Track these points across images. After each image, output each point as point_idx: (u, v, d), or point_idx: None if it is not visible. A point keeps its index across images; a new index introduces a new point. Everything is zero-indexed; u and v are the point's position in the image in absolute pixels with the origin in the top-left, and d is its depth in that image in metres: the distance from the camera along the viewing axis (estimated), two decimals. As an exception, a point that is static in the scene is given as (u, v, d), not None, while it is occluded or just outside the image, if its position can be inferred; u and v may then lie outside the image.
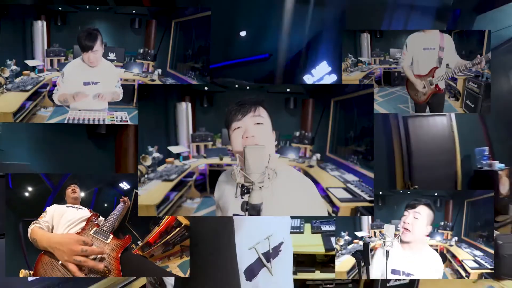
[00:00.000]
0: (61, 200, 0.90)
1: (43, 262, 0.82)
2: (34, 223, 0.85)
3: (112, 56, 1.29)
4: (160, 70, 1.28)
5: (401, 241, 1.09)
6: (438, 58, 1.23)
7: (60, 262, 0.81)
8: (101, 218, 0.90)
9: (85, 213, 0.89)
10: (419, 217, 1.07)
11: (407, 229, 1.07)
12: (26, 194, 0.89)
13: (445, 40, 1.22)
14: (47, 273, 0.81)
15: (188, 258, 0.84)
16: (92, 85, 1.14)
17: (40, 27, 1.28)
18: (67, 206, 0.89)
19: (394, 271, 1.06)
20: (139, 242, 0.90)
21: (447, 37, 1.23)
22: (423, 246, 1.09)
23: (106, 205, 0.91)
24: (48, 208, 0.88)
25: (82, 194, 0.92)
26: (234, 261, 0.77)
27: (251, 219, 0.84)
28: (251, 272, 0.85)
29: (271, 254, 0.90)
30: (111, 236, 0.87)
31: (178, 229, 0.91)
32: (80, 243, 0.81)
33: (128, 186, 0.93)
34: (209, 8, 1.10)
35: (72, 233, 0.84)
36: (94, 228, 0.87)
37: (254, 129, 0.79)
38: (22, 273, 0.86)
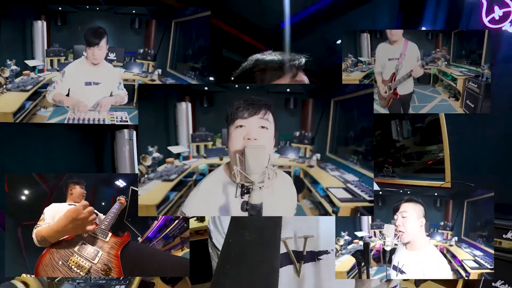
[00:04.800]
0: (60, 200, 0.90)
1: (44, 264, 0.82)
2: (35, 228, 0.86)
3: (112, 56, 1.29)
4: (160, 70, 1.28)
5: (403, 243, 1.10)
6: (396, 65, 1.31)
7: (61, 263, 0.81)
8: (100, 215, 0.90)
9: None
10: (407, 215, 1.08)
11: (401, 231, 1.08)
12: (23, 197, 0.89)
13: (408, 47, 1.29)
14: (48, 274, 0.82)
15: (188, 249, 0.85)
16: (93, 85, 1.14)
17: (40, 27, 1.28)
18: (69, 204, 0.90)
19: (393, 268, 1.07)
20: (139, 238, 0.91)
21: (411, 45, 1.29)
22: (426, 244, 1.09)
23: (103, 204, 0.91)
24: (46, 209, 0.88)
25: (80, 195, 0.92)
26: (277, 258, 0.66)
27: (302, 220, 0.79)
28: None
29: (304, 257, 0.80)
30: (110, 234, 0.87)
31: (176, 221, 0.92)
32: (82, 209, 0.84)
33: (125, 184, 0.93)
34: (209, 8, 1.10)
35: (69, 210, 0.86)
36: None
37: (258, 133, 0.76)
38: (24, 277, 0.86)
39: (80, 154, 3.43)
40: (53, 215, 0.86)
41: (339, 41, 4.01)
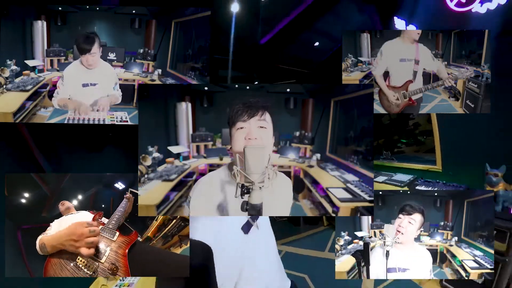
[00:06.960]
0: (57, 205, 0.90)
1: (52, 264, 0.82)
2: (42, 234, 0.86)
3: (112, 56, 1.29)
4: (160, 70, 1.28)
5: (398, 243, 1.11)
6: (413, 72, 1.22)
7: (72, 264, 0.81)
8: (104, 218, 0.90)
9: (85, 213, 0.89)
10: (414, 223, 1.10)
11: (400, 232, 1.10)
12: (23, 200, 0.89)
13: (420, 51, 1.22)
14: (56, 273, 0.81)
15: (187, 246, 0.85)
16: (90, 86, 1.15)
17: (40, 27, 1.28)
18: (65, 215, 0.89)
19: (389, 270, 1.07)
20: (139, 238, 0.90)
21: (422, 48, 1.22)
22: (413, 244, 1.12)
23: (104, 205, 0.91)
24: (52, 224, 0.88)
25: (80, 197, 0.92)
26: None
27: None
28: None
29: None
30: (117, 233, 0.86)
31: (174, 221, 0.92)
32: (85, 225, 0.82)
33: (123, 186, 0.93)
34: (209, 8, 1.10)
35: (74, 222, 0.85)
36: (100, 227, 0.87)
37: (258, 132, 0.79)
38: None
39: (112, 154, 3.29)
40: (59, 225, 0.86)
41: (316, 43, 4.35)
